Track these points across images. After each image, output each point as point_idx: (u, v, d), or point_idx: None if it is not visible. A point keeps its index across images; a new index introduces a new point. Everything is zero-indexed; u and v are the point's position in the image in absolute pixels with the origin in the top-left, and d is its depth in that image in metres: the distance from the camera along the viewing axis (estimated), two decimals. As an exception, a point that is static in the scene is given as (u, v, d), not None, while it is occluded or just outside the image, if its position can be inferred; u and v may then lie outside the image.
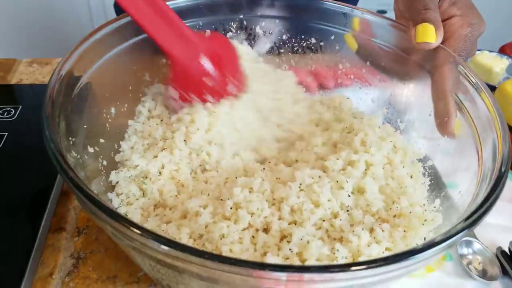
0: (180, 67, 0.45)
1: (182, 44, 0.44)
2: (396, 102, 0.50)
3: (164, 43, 0.44)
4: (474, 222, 0.29)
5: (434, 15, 0.42)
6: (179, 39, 0.44)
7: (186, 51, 0.45)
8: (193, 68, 0.45)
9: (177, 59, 0.45)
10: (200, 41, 0.45)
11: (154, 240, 0.26)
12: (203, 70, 0.45)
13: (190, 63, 0.45)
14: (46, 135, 0.32)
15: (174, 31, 0.44)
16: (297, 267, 0.26)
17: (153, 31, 0.43)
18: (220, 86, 0.46)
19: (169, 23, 0.44)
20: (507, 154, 0.33)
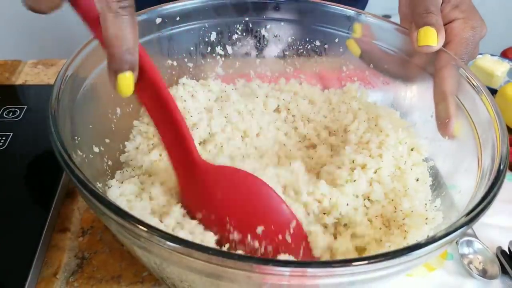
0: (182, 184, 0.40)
1: (187, 164, 0.38)
2: (399, 104, 0.51)
3: (172, 156, 0.39)
4: (474, 218, 0.29)
5: (435, 19, 0.43)
6: (186, 158, 0.38)
7: (189, 172, 0.39)
8: (194, 193, 0.39)
9: (179, 176, 0.40)
10: (211, 173, 0.38)
11: (160, 236, 0.26)
12: (204, 200, 0.38)
13: (192, 187, 0.39)
14: (52, 134, 0.33)
15: (184, 149, 0.38)
16: (300, 262, 0.27)
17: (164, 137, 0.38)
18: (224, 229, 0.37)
19: (181, 140, 0.38)
20: (505, 153, 0.34)
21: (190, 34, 0.51)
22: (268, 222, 0.36)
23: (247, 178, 0.38)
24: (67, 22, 1.53)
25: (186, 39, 0.52)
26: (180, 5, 0.49)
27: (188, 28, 0.51)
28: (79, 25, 0.36)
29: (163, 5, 0.48)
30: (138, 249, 0.31)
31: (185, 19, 0.50)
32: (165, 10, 0.49)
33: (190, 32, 0.51)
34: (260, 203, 0.38)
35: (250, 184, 0.38)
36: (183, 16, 0.50)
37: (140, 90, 0.36)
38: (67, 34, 1.50)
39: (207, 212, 0.37)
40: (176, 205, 0.39)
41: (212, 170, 0.38)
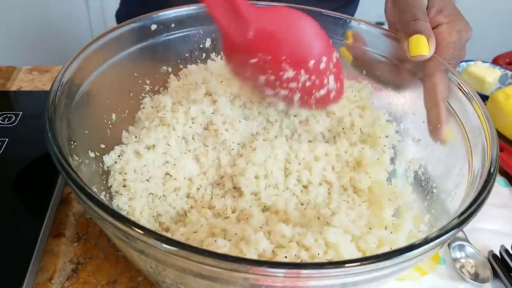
0: (227, 39, 0.41)
1: (231, 16, 0.39)
2: (392, 110, 0.51)
3: (211, 9, 0.39)
4: (465, 220, 0.30)
5: (424, 25, 0.43)
6: (228, 9, 0.39)
7: (234, 24, 0.40)
8: (241, 46, 0.40)
9: (222, 29, 0.40)
10: (256, 18, 0.40)
11: (156, 239, 0.27)
12: (254, 51, 0.40)
13: (237, 39, 0.40)
14: (49, 139, 0.33)
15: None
16: (294, 264, 0.27)
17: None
18: (277, 77, 0.40)
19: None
20: (495, 156, 0.35)
21: (185, 40, 0.52)
22: (314, 55, 0.40)
23: (293, 14, 0.41)
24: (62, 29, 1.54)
25: (181, 45, 0.52)
26: (175, 11, 0.50)
27: (183, 35, 0.51)
28: (74, 32, 0.36)
29: (158, 12, 0.49)
30: (134, 252, 0.31)
31: (180, 25, 0.50)
32: (161, 16, 0.49)
33: (185, 39, 0.52)
34: (306, 37, 0.41)
35: (295, 19, 0.41)
36: (178, 23, 0.50)
37: None
38: (61, 40, 1.51)
39: (258, 56, 0.39)
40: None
41: (260, 13, 0.40)
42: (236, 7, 0.39)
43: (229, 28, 0.40)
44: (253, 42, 0.39)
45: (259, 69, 0.41)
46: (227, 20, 0.39)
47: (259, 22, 0.40)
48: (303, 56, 0.40)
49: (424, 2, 0.46)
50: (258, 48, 0.40)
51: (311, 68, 0.40)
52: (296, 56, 0.40)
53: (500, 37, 1.74)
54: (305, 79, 0.40)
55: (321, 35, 0.42)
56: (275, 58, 0.40)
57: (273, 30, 0.40)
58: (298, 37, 0.41)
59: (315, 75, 0.41)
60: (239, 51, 0.41)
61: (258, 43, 0.39)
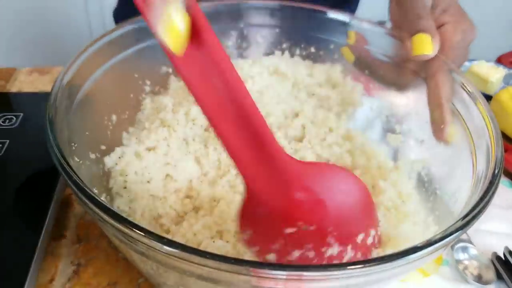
0: (252, 199, 0.31)
1: (268, 171, 0.30)
2: (395, 110, 0.51)
3: (238, 159, 0.29)
4: (469, 221, 0.29)
5: (428, 24, 0.43)
6: (264, 163, 0.29)
7: (268, 181, 0.30)
8: (273, 210, 0.30)
9: (252, 187, 0.30)
10: (300, 175, 0.30)
11: (157, 241, 0.26)
12: (292, 218, 0.30)
13: (271, 202, 0.30)
14: (50, 140, 0.33)
15: (262, 151, 0.29)
16: (296, 266, 0.27)
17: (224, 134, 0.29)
18: (318, 253, 0.31)
19: (259, 140, 0.29)
20: (500, 157, 0.34)
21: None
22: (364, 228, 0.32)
23: (348, 177, 0.32)
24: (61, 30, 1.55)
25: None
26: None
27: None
28: (73, 33, 0.36)
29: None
30: (135, 254, 0.31)
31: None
32: (162, 17, 0.49)
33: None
34: (356, 203, 0.33)
35: (343, 179, 0.32)
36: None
37: (191, 50, 0.28)
38: (61, 41, 1.51)
39: (298, 225, 0.30)
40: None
41: (304, 168, 0.31)
42: (276, 160, 0.29)
43: (259, 185, 0.30)
44: (294, 207, 0.30)
45: (295, 242, 0.31)
46: (258, 175, 0.29)
47: (304, 181, 0.31)
48: (353, 228, 0.32)
49: (429, 1, 0.45)
50: (298, 215, 0.30)
51: (359, 243, 0.32)
52: (345, 227, 0.31)
53: (504, 36, 1.74)
54: (350, 256, 0.31)
55: (370, 201, 0.34)
56: (319, 229, 0.30)
57: (321, 192, 0.31)
58: (349, 203, 0.32)
59: (361, 252, 0.32)
60: (269, 216, 0.31)
61: (300, 208, 0.30)
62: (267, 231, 0.32)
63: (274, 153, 0.29)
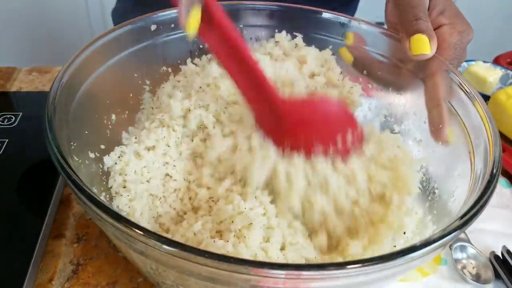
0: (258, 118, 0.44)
1: (267, 106, 0.42)
2: (393, 110, 0.51)
3: (248, 98, 0.42)
4: (468, 221, 0.30)
5: (426, 25, 0.43)
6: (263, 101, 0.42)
7: (268, 115, 0.42)
8: (272, 129, 0.43)
9: (256, 116, 0.43)
10: (290, 112, 0.42)
11: (156, 240, 0.27)
12: (284, 135, 0.42)
13: (269, 126, 0.43)
14: (49, 139, 0.33)
15: (260, 91, 0.42)
16: (295, 265, 0.27)
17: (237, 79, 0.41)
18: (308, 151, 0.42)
19: (255, 81, 0.41)
20: (498, 157, 0.35)
21: (184, 41, 0.52)
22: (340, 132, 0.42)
23: (324, 103, 0.44)
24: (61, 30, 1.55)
25: (181, 46, 0.52)
26: (175, 12, 0.49)
27: (183, 35, 0.51)
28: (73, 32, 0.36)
29: (158, 12, 0.49)
30: (135, 253, 0.31)
31: (180, 26, 0.50)
32: (160, 17, 0.49)
33: (184, 39, 0.51)
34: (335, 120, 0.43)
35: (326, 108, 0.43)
36: (178, 23, 0.50)
37: (206, 31, 0.39)
38: (61, 41, 1.51)
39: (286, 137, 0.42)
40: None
41: (293, 106, 0.42)
42: (272, 102, 0.41)
43: (262, 117, 0.43)
44: (285, 131, 0.42)
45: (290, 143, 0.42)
46: (259, 108, 0.42)
47: (292, 114, 0.42)
48: (333, 134, 0.42)
49: (426, 3, 0.46)
50: (289, 134, 0.42)
51: (339, 141, 0.42)
52: (326, 136, 0.42)
53: (501, 37, 1.74)
54: (333, 149, 0.42)
55: (347, 112, 0.45)
56: (306, 141, 0.42)
57: (305, 118, 0.42)
58: (330, 120, 0.43)
59: (343, 147, 0.43)
60: (271, 128, 0.43)
61: (290, 131, 0.42)
62: (270, 131, 0.43)
63: (269, 94, 0.41)
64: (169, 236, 0.41)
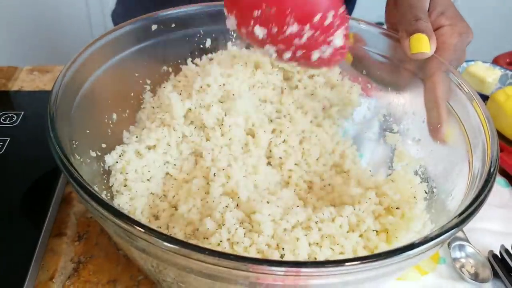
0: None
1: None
2: (392, 110, 0.52)
3: None
4: (465, 219, 0.30)
5: (425, 25, 0.44)
6: None
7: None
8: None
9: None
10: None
11: (157, 237, 0.27)
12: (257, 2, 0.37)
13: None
14: (51, 138, 0.33)
15: None
16: (294, 262, 0.27)
17: None
18: (280, 31, 0.38)
19: None
20: (495, 156, 0.35)
21: (185, 40, 0.52)
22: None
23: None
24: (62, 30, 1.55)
25: (181, 45, 0.52)
26: (175, 12, 0.50)
27: (184, 35, 0.52)
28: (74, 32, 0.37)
29: (158, 12, 0.49)
30: (135, 251, 0.31)
31: (181, 25, 0.51)
32: (161, 16, 0.49)
33: (185, 39, 0.52)
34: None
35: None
36: (179, 23, 0.50)
37: None
38: (62, 41, 1.51)
39: (262, 9, 0.37)
40: None
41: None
42: None
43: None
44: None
45: (262, 23, 0.38)
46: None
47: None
48: (309, 10, 0.37)
49: (426, 4, 0.46)
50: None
51: (317, 23, 0.38)
52: (302, 9, 0.37)
53: (500, 37, 1.74)
54: (310, 35, 0.38)
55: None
56: (279, 11, 0.37)
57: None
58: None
59: (320, 31, 0.38)
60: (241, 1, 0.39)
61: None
62: (242, 15, 0.39)
63: None
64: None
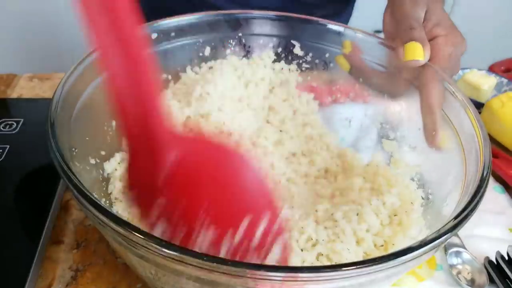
0: (134, 165, 0.30)
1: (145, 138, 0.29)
2: (389, 117, 0.52)
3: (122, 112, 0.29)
4: (460, 222, 0.31)
5: (419, 34, 0.45)
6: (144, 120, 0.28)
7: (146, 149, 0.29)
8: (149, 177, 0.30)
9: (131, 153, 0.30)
10: (178, 146, 0.29)
11: (156, 244, 0.27)
12: (163, 188, 0.29)
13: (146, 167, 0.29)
14: (52, 145, 0.33)
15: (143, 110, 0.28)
16: (292, 267, 0.27)
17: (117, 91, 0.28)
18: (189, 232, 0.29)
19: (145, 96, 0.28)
20: (488, 160, 0.36)
21: (184, 49, 0.53)
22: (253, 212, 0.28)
23: (228, 154, 0.30)
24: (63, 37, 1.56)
25: (181, 54, 0.53)
26: (175, 21, 0.50)
27: (183, 44, 0.52)
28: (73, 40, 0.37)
29: (158, 21, 0.50)
30: (134, 257, 0.31)
31: (180, 34, 0.51)
32: (161, 25, 0.50)
33: (184, 47, 0.52)
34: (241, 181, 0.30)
35: (232, 162, 0.30)
36: (178, 32, 0.51)
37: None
38: (61, 48, 1.52)
39: (171, 200, 0.29)
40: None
41: (184, 142, 0.29)
42: (153, 127, 0.28)
43: (139, 153, 0.29)
44: (165, 178, 0.29)
45: (167, 216, 0.29)
46: (140, 142, 0.29)
47: (180, 151, 0.29)
48: (234, 209, 0.29)
49: (421, 14, 0.47)
50: (170, 185, 0.29)
51: (249, 229, 0.28)
52: (224, 208, 0.29)
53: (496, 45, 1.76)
54: (232, 247, 0.29)
55: (259, 182, 0.30)
56: (191, 203, 0.29)
57: (197, 163, 0.29)
58: (229, 182, 0.30)
59: (256, 242, 0.29)
60: (146, 184, 0.30)
61: (172, 178, 0.29)
62: (146, 196, 0.30)
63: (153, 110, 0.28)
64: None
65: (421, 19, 0.47)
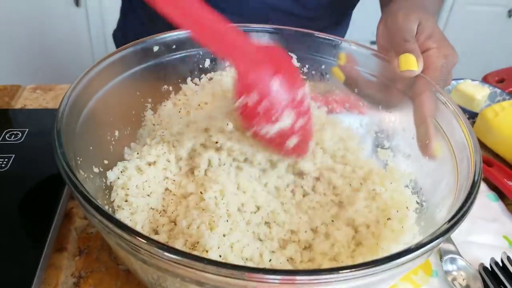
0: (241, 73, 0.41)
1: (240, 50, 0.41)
2: (384, 127, 0.53)
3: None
4: (453, 226, 0.32)
5: (413, 46, 0.46)
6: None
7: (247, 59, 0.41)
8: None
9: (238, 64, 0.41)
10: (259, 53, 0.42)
11: (159, 248, 0.28)
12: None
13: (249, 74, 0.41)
14: (58, 154, 0.34)
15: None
16: (289, 271, 0.28)
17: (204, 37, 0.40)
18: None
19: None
20: (478, 167, 0.37)
21: (185, 61, 0.54)
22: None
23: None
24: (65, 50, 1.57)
25: (182, 66, 0.54)
26: (176, 34, 0.52)
27: (184, 56, 0.54)
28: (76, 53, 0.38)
29: (160, 34, 0.51)
30: (137, 262, 0.32)
31: (181, 47, 0.53)
32: (162, 38, 0.51)
33: (185, 59, 0.54)
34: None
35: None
36: (179, 44, 0.52)
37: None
38: (64, 60, 1.54)
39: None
40: None
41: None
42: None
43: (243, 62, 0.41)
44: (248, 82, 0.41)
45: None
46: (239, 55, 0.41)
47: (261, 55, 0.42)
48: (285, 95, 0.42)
49: (414, 27, 0.49)
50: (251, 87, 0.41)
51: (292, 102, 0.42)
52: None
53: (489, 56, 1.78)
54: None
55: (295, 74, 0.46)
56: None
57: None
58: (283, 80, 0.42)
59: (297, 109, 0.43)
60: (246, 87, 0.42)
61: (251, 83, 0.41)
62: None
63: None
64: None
65: (414, 32, 0.48)
